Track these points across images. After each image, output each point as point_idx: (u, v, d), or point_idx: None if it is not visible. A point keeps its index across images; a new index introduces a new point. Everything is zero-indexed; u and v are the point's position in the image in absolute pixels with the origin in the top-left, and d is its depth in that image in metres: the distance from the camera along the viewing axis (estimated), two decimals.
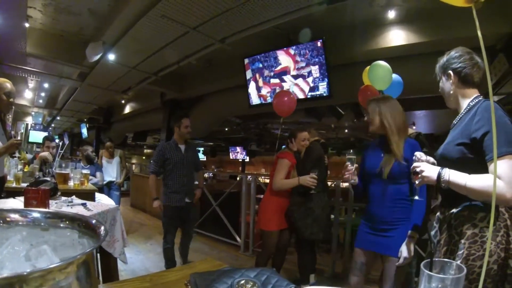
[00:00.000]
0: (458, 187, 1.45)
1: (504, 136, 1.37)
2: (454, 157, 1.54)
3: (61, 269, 0.51)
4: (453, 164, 1.52)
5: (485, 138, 1.42)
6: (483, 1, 1.24)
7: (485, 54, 0.83)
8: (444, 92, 1.71)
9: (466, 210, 1.51)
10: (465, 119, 1.56)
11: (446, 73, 1.65)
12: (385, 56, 4.78)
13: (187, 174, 4.16)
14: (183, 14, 4.28)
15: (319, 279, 4.40)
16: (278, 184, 3.53)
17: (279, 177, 3.54)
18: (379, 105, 2.34)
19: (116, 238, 2.87)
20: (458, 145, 1.54)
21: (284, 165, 3.58)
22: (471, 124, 1.49)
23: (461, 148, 1.52)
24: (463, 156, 1.50)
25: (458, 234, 1.51)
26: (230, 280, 0.92)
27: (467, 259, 1.43)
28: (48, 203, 2.19)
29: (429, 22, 4.54)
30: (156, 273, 1.23)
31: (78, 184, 3.97)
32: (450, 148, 1.58)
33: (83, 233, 0.69)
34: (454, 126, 1.65)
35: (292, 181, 3.49)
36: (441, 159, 1.62)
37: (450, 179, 1.46)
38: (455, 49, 1.65)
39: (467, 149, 1.49)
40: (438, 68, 1.71)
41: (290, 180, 3.52)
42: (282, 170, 3.56)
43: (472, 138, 1.47)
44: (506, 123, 1.42)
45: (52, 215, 0.74)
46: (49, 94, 10.94)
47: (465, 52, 1.63)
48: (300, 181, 3.38)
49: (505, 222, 1.44)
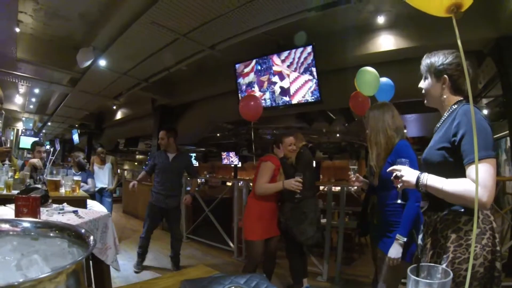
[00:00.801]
0: (435, 191, 1.46)
1: (481, 141, 1.37)
2: (436, 161, 1.56)
3: (51, 279, 0.52)
4: (435, 168, 1.53)
5: (463, 142, 1.44)
6: (463, 11, 1.27)
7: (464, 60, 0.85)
8: (429, 92, 1.68)
9: (451, 214, 1.52)
10: (447, 123, 1.57)
11: (438, 76, 1.62)
12: (375, 61, 4.84)
13: (171, 180, 4.62)
14: (173, 21, 4.30)
15: (313, 283, 4.42)
16: (261, 188, 3.36)
17: (262, 181, 3.36)
18: (368, 115, 2.46)
19: (109, 246, 2.85)
20: (439, 150, 1.55)
21: (267, 168, 3.42)
22: (451, 128, 1.50)
23: (442, 152, 1.53)
24: (444, 160, 1.52)
25: (443, 238, 1.53)
26: (220, 286, 0.93)
27: (453, 263, 1.44)
28: (39, 211, 2.18)
29: (418, 27, 4.60)
30: (147, 280, 1.23)
31: (70, 191, 3.93)
32: (432, 152, 1.59)
33: (72, 243, 0.70)
34: (437, 130, 1.65)
35: (276, 185, 3.31)
36: (424, 163, 1.64)
37: (427, 183, 1.47)
38: (451, 53, 1.61)
39: (448, 153, 1.51)
40: (428, 65, 1.66)
41: (274, 184, 3.34)
42: (265, 174, 3.40)
43: (451, 142, 1.49)
44: (484, 127, 1.43)
45: (42, 224, 0.75)
46: (40, 100, 10.86)
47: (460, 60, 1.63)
48: (285, 185, 3.22)
49: (490, 224, 1.46)
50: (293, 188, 3.16)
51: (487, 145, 1.40)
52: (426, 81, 1.69)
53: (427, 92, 1.70)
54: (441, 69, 1.61)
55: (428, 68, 1.67)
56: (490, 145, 1.41)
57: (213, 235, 6.13)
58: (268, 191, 3.36)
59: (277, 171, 3.44)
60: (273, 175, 3.41)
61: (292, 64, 5.41)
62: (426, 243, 1.65)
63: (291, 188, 3.17)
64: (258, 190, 3.37)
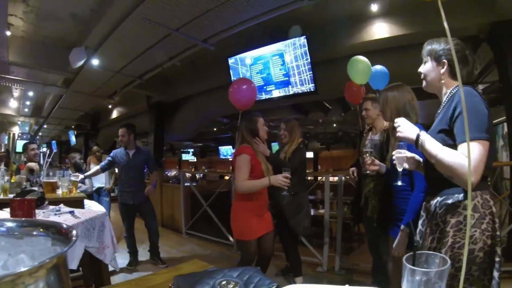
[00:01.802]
0: (429, 154, 1.48)
1: (475, 121, 1.38)
2: None
3: (31, 273, 0.51)
4: None
5: (457, 122, 1.46)
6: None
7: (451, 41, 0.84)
8: (428, 77, 1.70)
9: (450, 198, 1.52)
10: (446, 106, 1.58)
11: (439, 60, 1.64)
12: (369, 49, 4.83)
13: (133, 176, 4.69)
14: (164, 16, 4.25)
15: (313, 274, 4.43)
16: (243, 186, 2.92)
17: (242, 178, 2.92)
18: (387, 96, 2.45)
19: (106, 245, 2.85)
20: (439, 133, 1.56)
21: (243, 162, 2.96)
22: (449, 110, 1.51)
23: (441, 136, 1.54)
24: (443, 144, 1.51)
25: (443, 223, 1.52)
26: (212, 281, 0.92)
27: (452, 247, 1.44)
28: (34, 213, 2.17)
29: (412, 14, 4.58)
30: (141, 277, 1.23)
31: (67, 192, 3.92)
32: (432, 136, 1.58)
33: (56, 240, 0.68)
34: (438, 115, 1.67)
35: (262, 181, 2.91)
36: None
37: (425, 144, 1.49)
38: (453, 39, 1.57)
39: (447, 135, 1.52)
40: (430, 50, 1.68)
41: (260, 181, 2.93)
42: (242, 168, 2.95)
43: (450, 124, 1.50)
44: (480, 109, 1.44)
45: (28, 223, 0.74)
46: (34, 103, 10.81)
47: (462, 47, 1.63)
48: (272, 181, 2.86)
49: (490, 209, 1.46)
50: (280, 184, 2.83)
51: (480, 127, 1.40)
52: (426, 65, 1.71)
53: (426, 75, 1.71)
54: (441, 54, 1.64)
55: (429, 53, 1.69)
56: (483, 127, 1.41)
57: (211, 230, 6.14)
58: (253, 189, 2.95)
59: (254, 160, 3.01)
60: (252, 165, 2.99)
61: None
62: (426, 228, 1.65)
63: (279, 184, 2.84)
64: (240, 189, 2.95)
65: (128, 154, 4.71)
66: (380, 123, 3.11)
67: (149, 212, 4.83)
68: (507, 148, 5.28)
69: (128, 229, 4.77)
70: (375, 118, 3.14)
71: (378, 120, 3.13)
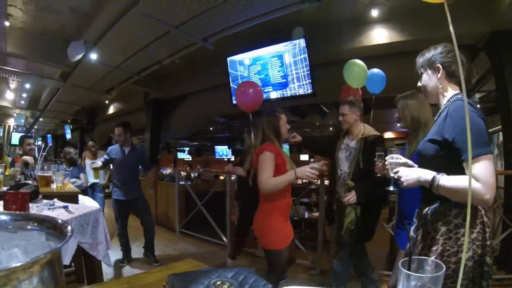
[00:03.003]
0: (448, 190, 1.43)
1: (474, 138, 1.35)
2: (429, 154, 1.57)
3: (24, 269, 0.51)
4: (428, 161, 1.55)
5: (456, 139, 1.44)
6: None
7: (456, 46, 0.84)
8: (427, 87, 1.69)
9: (442, 206, 1.53)
10: (441, 116, 1.57)
11: (433, 67, 1.63)
12: (368, 54, 4.84)
13: (128, 173, 4.73)
14: (165, 13, 4.24)
15: (306, 277, 4.43)
16: (268, 185, 2.59)
17: (266, 176, 2.61)
18: (406, 103, 2.48)
19: (99, 241, 2.83)
20: (431, 142, 1.56)
21: (267, 160, 2.66)
22: (444, 124, 1.50)
23: (434, 146, 1.54)
24: (436, 154, 1.52)
25: (433, 230, 1.53)
26: (207, 280, 0.91)
27: (442, 255, 1.44)
28: (27, 206, 2.15)
29: (412, 20, 4.60)
30: (134, 275, 1.22)
31: (61, 187, 3.90)
32: (425, 145, 1.60)
33: (51, 235, 0.68)
34: (434, 122, 1.66)
35: (287, 176, 2.58)
36: (419, 155, 1.66)
37: (445, 183, 1.43)
38: (441, 44, 1.65)
39: (440, 146, 1.51)
40: (422, 61, 1.68)
41: (284, 176, 2.59)
42: (266, 167, 2.64)
43: (444, 138, 1.49)
44: (477, 123, 1.42)
45: (22, 217, 0.73)
46: (31, 95, 10.75)
47: (452, 49, 1.63)
48: (298, 173, 2.53)
49: (481, 218, 1.47)
50: (308, 177, 2.55)
51: (480, 142, 1.39)
52: (423, 77, 1.71)
53: (426, 87, 1.70)
54: (433, 60, 1.64)
55: (422, 64, 1.70)
56: (483, 141, 1.40)
57: (206, 230, 6.12)
58: (278, 186, 2.60)
59: (280, 158, 2.71)
60: (277, 164, 2.68)
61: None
62: (417, 235, 1.65)
63: (306, 177, 2.57)
64: (264, 188, 2.62)
65: (124, 151, 4.74)
66: (357, 129, 3.04)
67: (144, 208, 4.83)
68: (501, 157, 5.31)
69: (121, 226, 4.76)
70: (352, 123, 3.04)
71: (355, 125, 3.05)
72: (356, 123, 3.03)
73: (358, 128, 3.03)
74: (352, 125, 3.04)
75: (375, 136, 2.93)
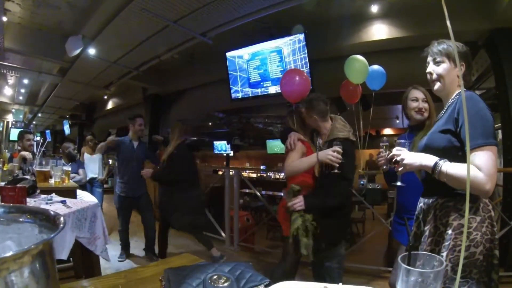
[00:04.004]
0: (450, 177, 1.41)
1: (481, 128, 1.36)
2: (441, 145, 1.51)
3: (15, 259, 0.50)
4: (439, 153, 1.48)
5: (463, 127, 1.41)
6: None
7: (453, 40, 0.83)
8: (445, 78, 1.59)
9: (452, 200, 1.50)
10: (451, 107, 1.55)
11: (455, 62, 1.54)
12: (368, 50, 4.82)
13: (137, 169, 4.53)
14: (163, 8, 4.23)
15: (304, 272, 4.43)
16: (291, 167, 2.61)
17: (290, 161, 2.64)
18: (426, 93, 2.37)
19: (98, 236, 2.82)
20: (444, 132, 1.51)
21: (296, 148, 2.67)
22: (454, 112, 1.49)
23: (447, 136, 1.50)
24: (449, 145, 1.49)
25: (443, 225, 1.50)
26: (203, 275, 0.90)
27: (453, 250, 1.42)
28: (25, 201, 2.15)
29: (411, 16, 4.59)
30: (131, 269, 1.21)
31: (59, 182, 3.89)
32: (435, 136, 1.56)
33: (44, 227, 0.67)
34: (440, 116, 1.63)
35: (309, 159, 2.56)
36: (426, 149, 1.58)
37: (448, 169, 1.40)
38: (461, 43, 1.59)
39: (454, 136, 1.48)
40: (445, 51, 1.58)
41: (306, 158, 2.58)
42: (294, 152, 2.66)
43: (455, 126, 1.47)
44: (485, 115, 1.41)
45: (15, 209, 0.72)
46: (29, 91, 10.73)
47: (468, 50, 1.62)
48: (320, 156, 2.46)
49: (489, 213, 1.45)
50: (330, 160, 2.43)
51: (487, 133, 1.38)
52: (442, 65, 1.59)
53: (444, 77, 1.59)
54: (464, 53, 1.60)
55: (445, 53, 1.59)
56: (490, 132, 1.39)
57: None
58: (298, 167, 2.60)
59: (310, 151, 2.68)
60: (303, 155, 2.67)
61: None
62: (424, 231, 1.62)
63: (328, 160, 2.45)
64: (288, 169, 2.64)
65: (133, 145, 4.63)
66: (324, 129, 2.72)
67: (148, 205, 4.79)
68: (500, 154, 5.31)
69: (123, 222, 4.70)
70: (315, 126, 2.75)
71: (320, 126, 2.73)
72: (319, 124, 2.71)
73: (326, 128, 2.71)
74: (318, 127, 2.74)
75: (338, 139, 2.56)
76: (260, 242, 5.88)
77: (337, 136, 2.58)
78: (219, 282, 0.89)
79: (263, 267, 4.46)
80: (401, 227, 2.43)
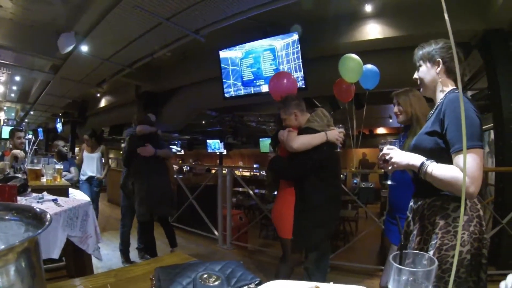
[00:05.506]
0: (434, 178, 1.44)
1: (468, 130, 1.35)
2: (427, 147, 1.54)
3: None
4: (426, 154, 1.51)
5: (448, 130, 1.44)
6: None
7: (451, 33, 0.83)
8: (424, 79, 1.67)
9: (439, 200, 1.51)
10: (438, 108, 1.56)
11: (432, 60, 1.62)
12: (361, 49, 4.83)
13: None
14: (156, 5, 4.20)
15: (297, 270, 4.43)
16: (298, 140, 2.61)
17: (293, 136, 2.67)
18: (408, 95, 2.40)
19: (89, 234, 2.80)
20: (430, 134, 1.53)
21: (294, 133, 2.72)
22: (440, 114, 1.50)
23: (434, 138, 1.52)
24: (436, 147, 1.50)
25: (431, 224, 1.52)
26: (194, 274, 0.90)
27: (440, 249, 1.43)
28: (16, 199, 2.12)
29: (405, 16, 4.61)
30: (121, 268, 1.21)
31: (51, 180, 3.85)
32: (422, 137, 1.58)
33: (30, 225, 0.66)
34: (429, 117, 1.65)
35: (319, 135, 2.63)
36: (414, 150, 1.61)
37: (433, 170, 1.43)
38: (441, 40, 1.64)
39: (440, 138, 1.50)
40: (422, 54, 1.67)
41: (315, 135, 2.63)
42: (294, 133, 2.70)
43: (441, 128, 1.48)
44: (471, 116, 1.42)
45: (2, 207, 0.71)
46: (21, 88, 10.63)
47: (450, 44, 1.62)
48: (329, 135, 2.61)
49: (477, 212, 1.46)
50: (337, 140, 2.66)
51: (472, 135, 1.38)
52: (421, 69, 1.69)
53: (423, 79, 1.68)
54: (433, 54, 1.63)
55: (421, 57, 1.68)
56: (476, 134, 1.39)
57: (197, 223, 6.09)
58: (309, 141, 2.61)
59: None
60: None
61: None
62: (412, 230, 1.64)
63: (335, 140, 2.66)
64: (294, 143, 2.61)
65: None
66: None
67: None
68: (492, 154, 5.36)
69: (129, 223, 4.60)
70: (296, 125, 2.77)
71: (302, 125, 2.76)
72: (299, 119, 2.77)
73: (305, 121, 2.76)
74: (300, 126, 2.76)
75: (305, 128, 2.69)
76: (253, 241, 5.89)
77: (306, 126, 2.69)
78: (210, 281, 0.89)
79: (256, 265, 4.47)
80: (393, 227, 2.45)
